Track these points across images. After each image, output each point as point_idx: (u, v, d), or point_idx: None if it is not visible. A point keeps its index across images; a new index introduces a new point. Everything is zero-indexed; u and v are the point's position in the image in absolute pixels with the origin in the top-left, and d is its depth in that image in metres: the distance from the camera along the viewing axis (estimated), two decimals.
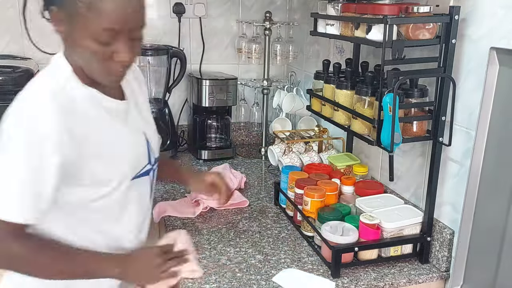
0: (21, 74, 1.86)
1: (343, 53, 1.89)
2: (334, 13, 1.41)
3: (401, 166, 1.54)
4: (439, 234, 1.35)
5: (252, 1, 2.40)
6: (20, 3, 2.11)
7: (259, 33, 2.25)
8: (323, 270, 1.33)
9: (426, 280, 1.32)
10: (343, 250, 1.30)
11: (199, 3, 2.32)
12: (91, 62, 0.96)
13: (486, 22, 1.17)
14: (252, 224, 1.58)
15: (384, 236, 1.35)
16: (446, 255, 1.33)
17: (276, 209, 1.71)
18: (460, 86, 1.26)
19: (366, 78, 1.36)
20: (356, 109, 1.36)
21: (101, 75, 0.98)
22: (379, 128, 1.25)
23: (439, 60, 1.24)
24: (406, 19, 1.19)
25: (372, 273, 1.32)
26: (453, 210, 1.32)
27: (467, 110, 1.25)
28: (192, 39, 2.36)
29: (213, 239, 1.48)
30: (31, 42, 1.10)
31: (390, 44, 1.19)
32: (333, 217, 1.40)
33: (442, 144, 1.28)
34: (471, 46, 1.22)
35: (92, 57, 0.94)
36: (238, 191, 1.79)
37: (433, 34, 1.23)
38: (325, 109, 1.56)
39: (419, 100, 1.28)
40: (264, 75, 2.24)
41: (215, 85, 2.15)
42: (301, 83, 2.30)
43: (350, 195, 1.57)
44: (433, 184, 1.31)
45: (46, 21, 0.99)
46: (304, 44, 2.27)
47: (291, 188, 1.60)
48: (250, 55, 2.24)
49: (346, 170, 1.70)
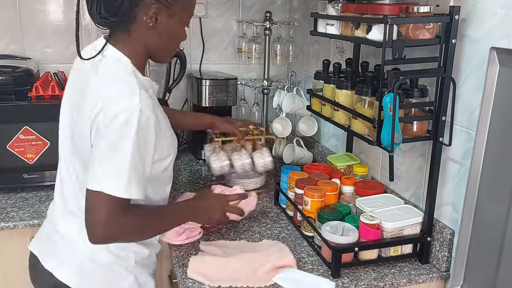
0: (21, 74, 1.86)
1: (343, 53, 1.89)
2: (334, 13, 1.41)
3: (401, 166, 1.54)
4: (439, 234, 1.35)
5: (252, 1, 2.40)
6: (22, 4, 2.11)
7: (259, 33, 2.25)
8: (323, 270, 1.33)
9: (426, 280, 1.32)
10: (343, 250, 1.30)
11: (199, 3, 2.31)
12: (173, 45, 1.23)
13: (486, 22, 1.17)
14: (252, 224, 1.58)
15: (384, 236, 1.35)
16: (446, 255, 1.33)
17: (276, 209, 1.71)
18: (460, 86, 1.26)
19: (366, 78, 1.36)
20: (356, 109, 1.36)
21: (170, 54, 1.28)
22: (379, 128, 1.25)
23: (439, 60, 1.24)
24: (406, 19, 1.19)
25: (372, 273, 1.32)
26: (453, 210, 1.32)
27: (467, 110, 1.25)
28: (192, 39, 2.36)
29: (213, 239, 1.48)
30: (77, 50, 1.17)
31: (390, 44, 1.18)
32: (333, 217, 1.40)
33: (442, 144, 1.28)
34: (471, 46, 1.22)
35: (176, 40, 1.22)
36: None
37: (433, 34, 1.23)
38: (325, 109, 1.56)
39: (419, 100, 1.28)
40: (264, 75, 2.24)
41: (215, 85, 2.15)
42: (301, 83, 2.30)
43: (350, 195, 1.57)
44: (433, 184, 1.31)
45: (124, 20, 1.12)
46: (304, 44, 2.26)
47: (291, 188, 1.60)
48: (250, 55, 2.24)
49: (346, 170, 1.70)
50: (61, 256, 1.22)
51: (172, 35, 1.19)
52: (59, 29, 2.19)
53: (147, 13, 1.11)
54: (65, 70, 2.16)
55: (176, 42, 1.23)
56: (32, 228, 1.63)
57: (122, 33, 1.14)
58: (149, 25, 1.12)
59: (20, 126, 1.75)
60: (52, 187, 1.86)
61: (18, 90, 1.80)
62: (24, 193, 1.83)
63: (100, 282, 1.22)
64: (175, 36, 1.20)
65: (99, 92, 1.09)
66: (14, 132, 1.74)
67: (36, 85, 1.80)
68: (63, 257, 1.22)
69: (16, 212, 1.67)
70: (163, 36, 1.16)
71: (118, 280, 1.23)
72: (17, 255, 1.65)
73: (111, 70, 1.12)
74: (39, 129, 1.76)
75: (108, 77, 1.11)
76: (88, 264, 1.20)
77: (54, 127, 1.27)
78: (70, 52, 2.24)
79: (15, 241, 1.64)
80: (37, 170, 1.81)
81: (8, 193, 1.82)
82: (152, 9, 1.10)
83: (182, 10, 1.16)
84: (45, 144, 1.78)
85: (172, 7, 1.13)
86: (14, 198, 1.78)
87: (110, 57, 1.14)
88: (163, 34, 1.16)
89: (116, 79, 1.10)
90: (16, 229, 1.61)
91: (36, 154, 1.79)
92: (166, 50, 1.23)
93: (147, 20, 1.12)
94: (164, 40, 1.18)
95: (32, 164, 1.79)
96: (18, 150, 1.76)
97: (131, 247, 1.23)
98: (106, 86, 1.09)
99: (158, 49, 1.20)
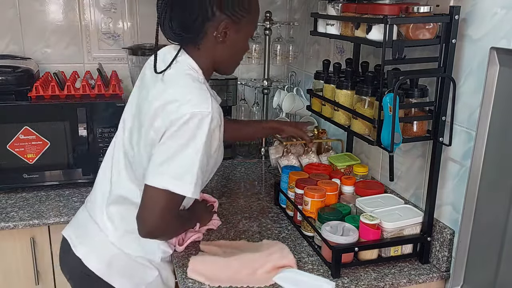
0: (21, 74, 1.86)
1: (343, 53, 1.89)
2: (334, 13, 1.41)
3: (401, 166, 1.54)
4: (439, 234, 1.35)
5: None
6: (22, 4, 2.11)
7: (259, 33, 2.25)
8: (323, 270, 1.33)
9: (426, 280, 1.32)
10: (343, 250, 1.29)
11: None
12: (238, 57, 1.28)
13: (486, 22, 1.17)
14: (252, 224, 1.58)
15: (384, 236, 1.35)
16: (446, 255, 1.33)
17: (276, 209, 1.71)
18: (461, 86, 1.26)
19: (366, 78, 1.36)
20: (356, 109, 1.36)
21: (235, 66, 1.30)
22: (379, 128, 1.25)
23: (439, 60, 1.24)
24: (406, 19, 1.19)
25: (372, 273, 1.32)
26: (453, 210, 1.32)
27: (467, 110, 1.25)
28: None
29: (213, 239, 1.48)
30: (154, 66, 1.22)
31: (390, 44, 1.18)
32: (333, 217, 1.40)
33: (442, 144, 1.28)
34: (471, 46, 1.22)
35: (242, 53, 1.27)
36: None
37: (433, 34, 1.23)
38: (325, 109, 1.56)
39: (419, 100, 1.28)
40: (264, 75, 2.24)
41: (215, 85, 2.15)
42: (301, 83, 2.30)
43: (350, 195, 1.57)
44: (433, 184, 1.31)
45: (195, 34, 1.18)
46: (304, 44, 2.27)
47: (291, 188, 1.60)
48: (250, 55, 2.24)
49: (346, 170, 1.70)
50: (93, 245, 1.29)
51: (239, 48, 1.25)
52: (59, 29, 2.20)
53: (217, 29, 1.17)
54: (65, 70, 2.17)
55: (241, 54, 1.29)
56: (32, 228, 1.63)
57: (192, 47, 1.21)
58: (219, 39, 1.18)
59: (20, 126, 1.75)
60: (52, 187, 1.87)
61: (18, 90, 1.81)
62: (24, 193, 1.83)
63: (128, 274, 1.28)
64: (241, 48, 1.26)
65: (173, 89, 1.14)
66: (14, 132, 1.75)
67: (36, 85, 1.80)
68: (95, 246, 1.28)
69: (16, 212, 1.67)
70: (231, 50, 1.22)
71: (143, 273, 1.30)
72: (17, 255, 1.65)
73: (186, 73, 1.17)
74: (39, 129, 1.77)
75: (183, 80, 1.16)
76: (118, 256, 1.27)
77: (54, 127, 1.28)
78: (70, 52, 2.25)
79: (15, 241, 1.64)
80: (37, 170, 1.81)
81: (8, 193, 1.82)
82: (222, 24, 1.16)
83: (249, 23, 1.21)
84: (45, 144, 1.78)
85: (240, 22, 1.18)
86: (14, 198, 1.79)
87: (184, 63, 1.20)
88: (230, 48, 1.21)
89: (191, 84, 1.15)
90: (16, 229, 1.61)
91: (36, 154, 1.79)
92: (232, 62, 1.28)
93: (217, 35, 1.17)
94: (231, 53, 1.24)
95: (32, 164, 1.79)
96: (18, 150, 1.77)
97: (160, 245, 1.32)
98: (181, 87, 1.14)
99: (225, 62, 1.25)
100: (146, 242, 1.25)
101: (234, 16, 1.17)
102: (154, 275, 1.31)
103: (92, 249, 1.29)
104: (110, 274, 1.26)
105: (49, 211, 1.69)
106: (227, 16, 1.16)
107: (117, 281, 1.27)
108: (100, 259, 1.27)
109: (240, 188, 1.92)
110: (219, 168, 2.08)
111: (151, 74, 1.24)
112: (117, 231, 1.28)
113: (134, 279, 1.29)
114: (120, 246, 1.27)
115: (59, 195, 1.82)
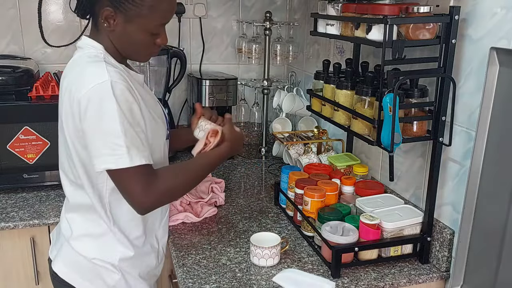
0: (21, 74, 1.86)
1: (343, 53, 1.89)
2: (334, 13, 1.41)
3: (401, 166, 1.54)
4: (439, 234, 1.35)
5: (252, 1, 2.40)
6: (22, 4, 2.11)
7: (259, 33, 2.25)
8: (323, 270, 1.33)
9: (426, 280, 1.32)
10: (343, 250, 1.30)
11: (199, 3, 2.32)
12: (138, 48, 1.21)
13: (486, 22, 1.17)
14: (252, 224, 1.58)
15: (384, 236, 1.35)
16: (446, 255, 1.33)
17: (276, 209, 1.71)
18: (460, 86, 1.26)
19: (366, 78, 1.36)
20: (356, 109, 1.36)
21: (143, 56, 1.26)
22: (379, 128, 1.25)
23: (439, 60, 1.24)
24: (406, 19, 1.19)
25: (372, 273, 1.32)
26: (453, 210, 1.32)
27: (467, 110, 1.25)
28: (192, 39, 2.37)
29: (213, 239, 1.48)
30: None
31: (390, 44, 1.18)
32: (333, 217, 1.40)
33: (442, 144, 1.28)
34: (471, 46, 1.22)
35: (140, 44, 1.19)
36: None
37: (433, 34, 1.23)
38: (325, 109, 1.56)
39: (419, 100, 1.28)
40: (264, 75, 2.24)
41: (215, 85, 2.15)
42: (301, 83, 2.30)
43: (350, 195, 1.57)
44: (433, 184, 1.31)
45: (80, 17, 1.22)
46: (304, 44, 2.27)
47: (291, 188, 1.60)
48: (250, 55, 2.24)
49: (346, 170, 1.70)
50: (59, 249, 1.30)
51: (136, 39, 1.18)
52: (59, 29, 2.19)
53: (101, 15, 1.15)
54: None
55: (140, 48, 1.21)
56: (32, 228, 1.63)
57: (94, 28, 1.22)
58: (104, 25, 1.16)
59: (20, 126, 1.75)
60: (52, 187, 1.87)
61: (18, 90, 1.81)
62: (24, 193, 1.83)
63: (88, 277, 1.26)
64: (141, 40, 1.18)
65: (71, 74, 1.16)
66: (14, 132, 1.75)
67: (36, 85, 1.80)
68: (61, 250, 1.29)
69: (16, 212, 1.67)
70: (123, 40, 1.18)
71: (104, 276, 1.26)
72: (17, 255, 1.65)
73: (83, 54, 1.19)
74: (39, 129, 1.76)
75: (79, 60, 1.18)
76: (77, 259, 1.26)
77: (54, 127, 1.27)
78: (70, 52, 2.24)
79: (15, 241, 1.64)
80: (37, 170, 1.81)
81: (8, 193, 1.82)
82: (105, 11, 1.14)
83: (142, 17, 1.14)
84: (45, 144, 1.78)
85: (128, 13, 1.13)
86: (14, 198, 1.79)
87: (83, 44, 1.21)
88: (123, 37, 1.17)
89: (85, 61, 1.15)
90: (16, 229, 1.61)
91: (36, 154, 1.79)
92: (134, 51, 1.22)
93: (101, 21, 1.16)
94: (125, 44, 1.19)
95: (32, 164, 1.79)
96: (18, 150, 1.76)
97: (115, 245, 1.26)
98: (78, 69, 1.15)
99: (125, 49, 1.21)
100: (102, 244, 1.25)
101: (120, 7, 1.12)
102: (115, 278, 1.26)
103: (59, 252, 1.30)
104: (74, 278, 1.26)
105: (49, 211, 1.69)
106: (111, 4, 1.12)
107: (81, 284, 1.26)
108: (64, 262, 1.28)
109: (240, 188, 1.92)
110: (219, 168, 2.09)
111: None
112: (73, 235, 1.26)
113: (95, 282, 1.26)
114: (77, 249, 1.25)
115: (59, 195, 1.82)
